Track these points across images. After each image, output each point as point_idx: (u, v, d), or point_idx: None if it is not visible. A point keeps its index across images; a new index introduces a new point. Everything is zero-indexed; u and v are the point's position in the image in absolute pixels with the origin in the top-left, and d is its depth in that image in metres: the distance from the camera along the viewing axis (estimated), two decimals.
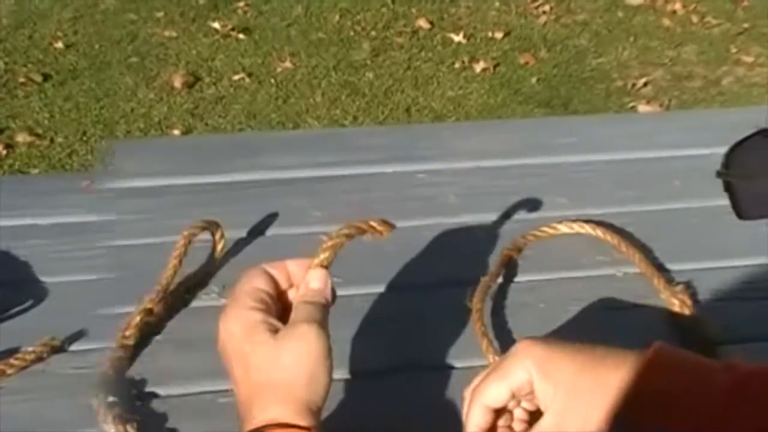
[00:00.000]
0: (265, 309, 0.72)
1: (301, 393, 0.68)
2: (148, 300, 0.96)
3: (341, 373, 0.93)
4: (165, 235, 1.08)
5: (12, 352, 0.94)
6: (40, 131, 3.14)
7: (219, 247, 1.05)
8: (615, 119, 1.92)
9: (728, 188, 0.56)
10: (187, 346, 0.96)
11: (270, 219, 1.14)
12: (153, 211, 1.15)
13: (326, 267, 0.77)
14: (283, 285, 0.76)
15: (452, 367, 0.95)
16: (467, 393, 0.77)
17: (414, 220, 1.15)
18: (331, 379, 0.70)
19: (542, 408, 0.74)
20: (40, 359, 0.94)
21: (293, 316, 0.73)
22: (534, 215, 1.16)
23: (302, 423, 0.67)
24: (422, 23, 3.91)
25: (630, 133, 1.38)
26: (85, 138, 3.13)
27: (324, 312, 0.73)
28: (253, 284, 0.74)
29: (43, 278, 1.06)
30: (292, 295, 0.77)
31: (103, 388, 0.87)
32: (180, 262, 1.00)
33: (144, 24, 3.74)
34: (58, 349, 0.96)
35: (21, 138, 3.08)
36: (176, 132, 3.10)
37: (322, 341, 0.70)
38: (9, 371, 0.92)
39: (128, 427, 0.84)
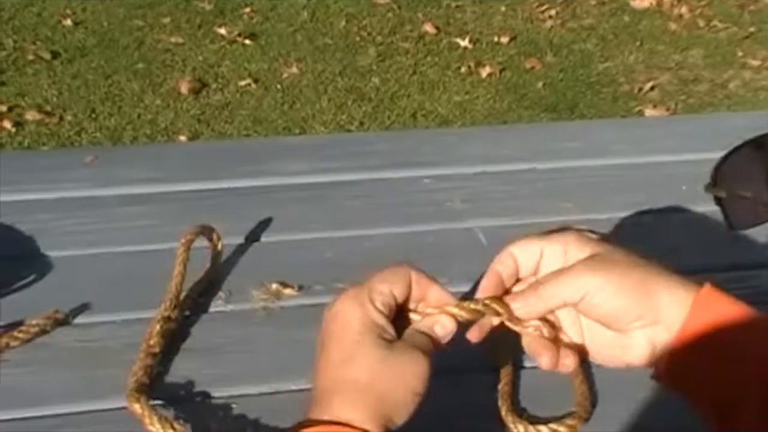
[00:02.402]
0: (388, 315, 0.71)
1: (388, 409, 0.68)
2: (164, 308, 0.97)
3: None
4: (173, 241, 1.09)
5: (16, 325, 0.95)
6: (49, 109, 3.17)
7: (217, 252, 1.05)
8: (621, 124, 1.92)
9: (718, 202, 0.56)
10: (209, 352, 0.96)
11: (274, 225, 1.14)
12: (158, 216, 1.15)
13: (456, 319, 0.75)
14: (414, 298, 0.75)
15: (459, 371, 0.95)
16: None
17: (420, 226, 1.16)
18: (414, 412, 0.69)
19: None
20: (44, 332, 0.96)
21: (410, 338, 0.72)
22: (540, 220, 1.16)
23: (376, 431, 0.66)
24: (428, 28, 3.92)
25: (636, 138, 1.38)
26: (93, 115, 3.16)
27: (433, 348, 0.72)
28: (389, 287, 0.73)
29: (47, 252, 1.08)
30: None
31: (143, 394, 0.87)
32: (185, 268, 1.01)
33: (150, 30, 3.75)
34: (62, 322, 0.97)
35: (30, 116, 3.11)
36: (183, 138, 3.10)
37: (425, 379, 0.69)
38: (13, 344, 0.94)
39: (176, 425, 0.84)
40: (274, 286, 1.04)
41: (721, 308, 0.70)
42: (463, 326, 0.74)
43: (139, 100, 3.30)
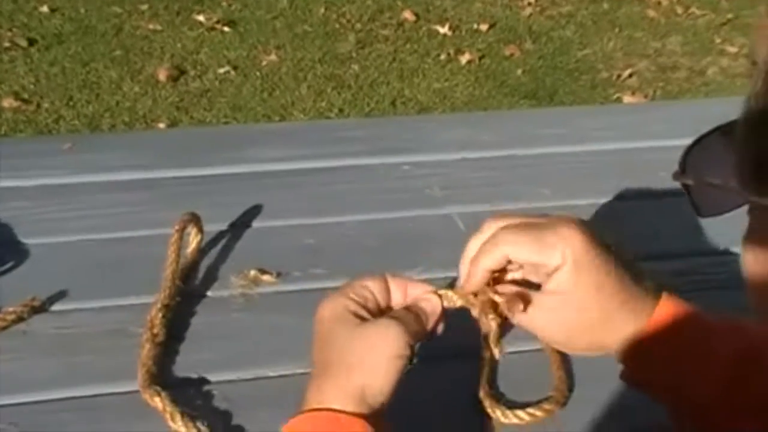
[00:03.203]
0: (361, 302, 0.72)
1: (358, 381, 0.68)
2: (164, 296, 0.96)
3: None
4: (150, 228, 1.09)
5: None
6: (26, 96, 3.15)
7: (197, 239, 1.05)
8: (599, 110, 1.93)
9: (686, 189, 0.57)
10: (187, 338, 0.96)
11: (253, 211, 1.14)
12: (137, 204, 1.15)
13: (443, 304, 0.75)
14: (396, 299, 0.75)
15: (438, 357, 0.95)
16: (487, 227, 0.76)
17: (398, 212, 1.16)
18: (395, 381, 0.69)
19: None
20: (21, 319, 0.95)
21: (390, 314, 0.73)
22: (518, 206, 1.16)
23: (352, 409, 0.67)
24: (407, 15, 3.91)
25: (614, 124, 1.38)
26: (71, 103, 3.14)
27: (417, 326, 0.72)
28: (364, 282, 0.74)
29: (24, 240, 1.07)
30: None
31: (158, 386, 0.87)
32: (178, 255, 1.00)
33: (128, 17, 3.73)
34: (39, 309, 0.97)
35: (7, 103, 3.09)
36: (161, 125, 3.09)
37: (399, 341, 0.69)
38: None
39: (198, 424, 0.84)
40: (253, 272, 1.04)
41: (679, 317, 0.73)
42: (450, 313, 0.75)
43: (117, 88, 3.29)
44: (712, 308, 1.00)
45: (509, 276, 0.77)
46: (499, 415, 0.88)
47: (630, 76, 3.61)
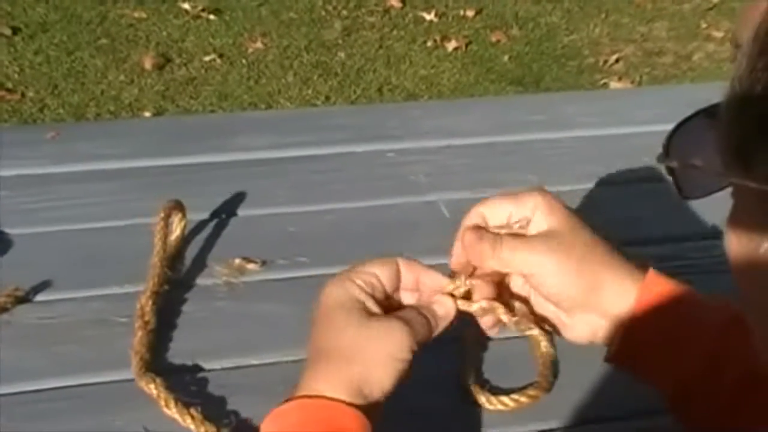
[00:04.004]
0: (368, 291, 0.72)
1: (356, 372, 0.68)
2: (153, 284, 0.96)
3: None
4: (134, 217, 1.08)
5: None
6: (10, 86, 3.14)
7: (181, 227, 1.04)
8: (585, 96, 1.93)
9: (670, 172, 0.57)
10: (171, 327, 0.96)
11: (238, 199, 1.14)
12: (121, 193, 1.14)
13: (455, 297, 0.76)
14: (407, 285, 0.76)
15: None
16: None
17: (383, 199, 1.16)
18: (393, 383, 0.69)
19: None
20: (4, 309, 0.95)
21: (400, 313, 0.73)
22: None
23: (345, 398, 0.67)
24: (393, 2, 3.90)
25: (599, 110, 1.38)
26: (56, 92, 3.13)
27: (425, 330, 0.72)
28: (372, 268, 0.74)
29: (7, 230, 1.07)
30: (406, 298, 0.77)
31: (152, 372, 0.87)
32: (165, 243, 1.00)
33: (113, 5, 3.71)
34: (23, 299, 0.97)
35: None
36: (147, 114, 3.08)
37: (403, 344, 0.69)
38: None
39: (192, 411, 0.84)
40: (237, 261, 1.03)
41: (666, 292, 0.75)
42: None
43: (103, 76, 3.27)
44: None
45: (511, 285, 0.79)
46: (484, 401, 0.88)
47: (616, 61, 3.61)
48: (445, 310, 0.75)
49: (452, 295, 0.76)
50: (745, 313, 0.53)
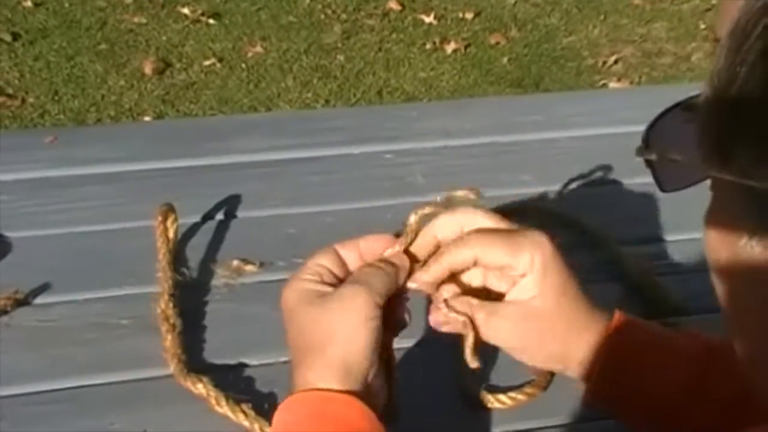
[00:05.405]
0: (319, 280, 0.72)
1: (337, 355, 0.68)
2: (169, 286, 0.97)
3: None
4: (133, 221, 1.09)
5: None
6: (10, 91, 3.14)
7: (173, 230, 1.05)
8: (581, 96, 1.92)
9: (649, 164, 0.58)
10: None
11: (236, 201, 1.14)
12: (120, 196, 1.15)
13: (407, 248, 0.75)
14: (352, 264, 0.75)
15: (419, 340, 0.96)
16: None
17: (381, 201, 1.16)
18: (373, 345, 0.68)
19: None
20: (4, 312, 0.96)
21: (350, 278, 0.72)
22: (500, 193, 1.17)
23: (337, 386, 0.67)
24: (393, 5, 3.90)
25: (596, 110, 1.38)
26: (56, 97, 3.13)
27: (387, 281, 0.71)
28: (315, 260, 0.74)
29: (6, 233, 1.07)
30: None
31: (197, 372, 0.88)
32: (168, 245, 1.00)
33: (113, 10, 3.71)
34: (22, 302, 0.97)
35: None
36: (147, 119, 3.08)
37: (366, 304, 0.69)
38: None
39: (244, 407, 0.85)
40: (236, 262, 1.04)
41: (634, 332, 0.76)
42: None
43: (103, 82, 3.28)
44: (691, 293, 1.01)
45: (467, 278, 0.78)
46: (481, 399, 0.88)
47: (615, 62, 3.62)
48: (399, 259, 0.74)
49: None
50: (722, 313, 0.53)
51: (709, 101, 0.47)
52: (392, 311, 0.73)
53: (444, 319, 0.75)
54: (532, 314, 0.73)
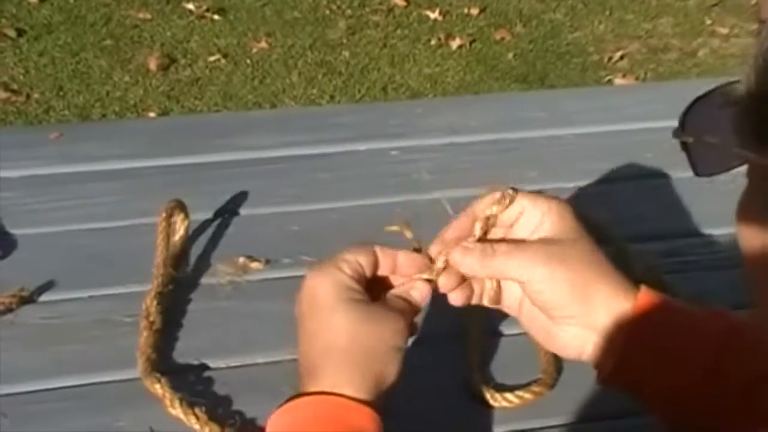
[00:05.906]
0: (356, 277, 0.71)
1: (373, 369, 0.68)
2: (158, 284, 0.97)
3: None
4: (138, 217, 1.09)
5: None
6: (15, 87, 3.14)
7: (184, 227, 1.05)
8: (587, 93, 1.92)
9: (684, 147, 0.56)
10: (176, 326, 0.96)
11: (241, 199, 1.14)
12: (125, 193, 1.14)
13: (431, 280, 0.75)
14: (384, 271, 0.74)
15: (427, 339, 0.95)
16: None
17: (387, 197, 1.16)
18: (396, 375, 0.69)
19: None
20: (9, 310, 0.96)
21: (387, 301, 0.72)
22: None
23: (364, 396, 0.67)
24: (398, 1, 3.89)
25: (602, 107, 1.38)
26: (61, 93, 3.13)
27: (411, 318, 0.73)
28: (354, 255, 0.72)
29: (12, 230, 1.07)
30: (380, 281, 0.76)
31: (158, 372, 0.88)
32: (168, 242, 1.00)
33: (118, 6, 3.71)
34: (27, 299, 0.97)
35: None
36: (152, 115, 3.08)
37: (405, 333, 0.70)
38: None
39: (197, 411, 0.85)
40: (241, 260, 1.04)
41: (660, 308, 0.73)
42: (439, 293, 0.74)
43: (108, 77, 3.27)
44: (698, 291, 1.00)
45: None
46: (488, 397, 0.88)
47: (621, 58, 3.61)
48: (420, 295, 0.74)
49: (429, 281, 0.75)
50: (751, 304, 0.52)
51: (751, 83, 0.46)
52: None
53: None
54: (552, 249, 0.72)
